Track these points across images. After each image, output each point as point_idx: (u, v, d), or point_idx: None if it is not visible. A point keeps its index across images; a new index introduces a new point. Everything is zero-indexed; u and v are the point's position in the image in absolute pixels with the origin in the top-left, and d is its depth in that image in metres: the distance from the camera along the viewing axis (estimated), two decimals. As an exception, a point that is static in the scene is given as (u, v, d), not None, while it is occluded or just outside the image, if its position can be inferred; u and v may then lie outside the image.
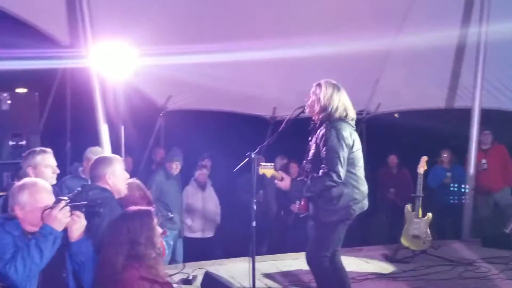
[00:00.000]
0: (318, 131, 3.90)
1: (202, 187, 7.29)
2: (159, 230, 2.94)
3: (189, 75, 7.77)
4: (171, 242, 6.27)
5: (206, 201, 7.30)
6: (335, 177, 3.69)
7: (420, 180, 6.03)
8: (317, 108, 3.93)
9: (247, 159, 4.14)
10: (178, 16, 6.93)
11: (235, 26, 7.22)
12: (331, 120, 3.84)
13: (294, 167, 7.24)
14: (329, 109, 3.86)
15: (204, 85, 8.05)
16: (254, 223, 4.13)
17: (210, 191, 7.39)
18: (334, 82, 4.00)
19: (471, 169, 7.29)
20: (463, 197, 7.49)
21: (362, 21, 7.52)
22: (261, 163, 4.18)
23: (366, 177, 4.08)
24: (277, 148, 8.44)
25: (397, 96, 9.40)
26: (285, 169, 7.18)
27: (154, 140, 9.22)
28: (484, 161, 7.46)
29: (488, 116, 7.94)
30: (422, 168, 6.04)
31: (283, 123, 4.29)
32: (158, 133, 9.30)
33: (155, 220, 2.89)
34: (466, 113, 7.81)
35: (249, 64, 7.68)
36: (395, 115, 11.17)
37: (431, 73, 8.70)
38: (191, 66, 7.42)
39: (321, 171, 3.75)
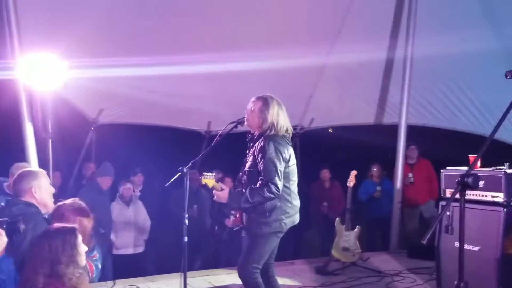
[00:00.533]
0: (257, 143, 3.95)
1: (127, 202, 7.11)
2: (83, 248, 2.85)
3: (122, 88, 7.66)
4: (99, 264, 6.11)
5: (134, 216, 7.14)
6: (273, 189, 3.74)
7: (349, 194, 6.20)
8: (259, 122, 3.96)
9: (179, 174, 4.12)
10: (112, 29, 6.81)
11: (170, 39, 7.19)
12: (270, 134, 3.90)
13: (228, 182, 7.24)
14: (272, 124, 3.91)
15: (138, 98, 7.96)
16: (186, 238, 4.11)
17: (138, 206, 7.22)
18: (270, 96, 4.05)
19: (398, 183, 7.56)
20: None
21: (297, 38, 7.65)
22: (204, 172, 4.15)
23: (300, 191, 4.15)
24: (212, 163, 8.44)
25: (330, 111, 9.66)
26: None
27: (84, 155, 8.98)
28: (410, 175, 7.76)
29: (414, 132, 8.28)
30: (351, 182, 6.21)
31: (216, 138, 4.31)
32: (88, 147, 9.06)
33: (79, 239, 2.81)
34: (394, 129, 8.11)
35: (184, 78, 7.65)
36: (330, 130, 11.46)
37: (361, 89, 9.01)
38: (125, 79, 7.31)
39: (259, 182, 3.79)
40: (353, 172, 6.25)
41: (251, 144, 4.07)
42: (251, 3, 6.99)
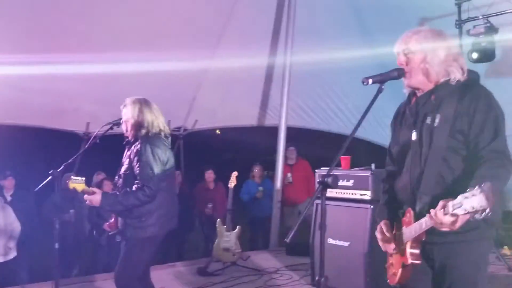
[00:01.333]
0: (133, 146, 3.88)
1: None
2: None
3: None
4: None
5: (3, 222, 6.67)
6: (148, 192, 3.67)
7: (230, 195, 6.30)
8: (130, 125, 3.90)
9: (50, 177, 3.95)
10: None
11: (46, 38, 6.82)
12: (146, 137, 3.84)
13: (108, 185, 7.05)
14: (143, 126, 3.86)
15: (10, 98, 7.46)
16: (56, 245, 3.94)
17: (6, 211, 6.77)
18: (143, 99, 4.00)
19: (278, 183, 7.82)
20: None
21: (180, 40, 7.63)
22: (72, 177, 3.98)
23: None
24: (95, 165, 8.16)
25: (213, 113, 9.72)
26: (99, 186, 6.93)
27: None
28: (289, 175, 8.07)
29: (293, 134, 8.62)
30: (232, 183, 6.31)
31: (91, 139, 4.20)
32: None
33: None
34: (275, 131, 8.37)
35: (61, 78, 7.31)
36: (217, 131, 11.54)
37: (244, 92, 9.18)
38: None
39: (134, 186, 3.71)
40: (234, 173, 6.36)
41: (128, 147, 4.00)
42: (131, 4, 6.85)
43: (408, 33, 2.48)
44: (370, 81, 2.41)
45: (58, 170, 3.99)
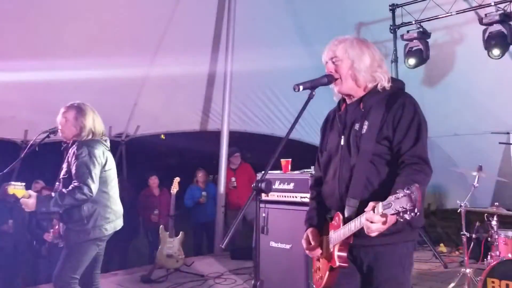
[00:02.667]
0: (70, 149, 3.82)
1: None
2: None
3: None
4: None
5: None
6: (85, 190, 3.61)
7: (173, 201, 6.28)
8: (76, 130, 3.85)
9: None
10: None
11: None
12: (83, 139, 3.80)
13: (47, 193, 6.86)
14: (90, 131, 3.83)
15: None
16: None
17: None
18: (80, 103, 3.96)
19: (222, 187, 7.85)
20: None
21: (120, 46, 7.55)
22: (11, 182, 3.86)
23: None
24: (34, 173, 7.93)
25: (156, 119, 9.65)
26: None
27: None
28: (233, 179, 8.10)
29: (235, 137, 8.68)
30: (175, 188, 6.29)
31: (27, 148, 4.11)
32: None
33: None
34: (218, 135, 8.40)
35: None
36: (162, 136, 11.42)
37: (186, 98, 9.17)
38: None
39: (71, 185, 3.65)
40: (176, 179, 6.34)
41: (66, 152, 3.94)
42: (69, 10, 6.73)
43: (335, 41, 2.59)
44: (301, 87, 2.50)
45: (-5, 180, 3.88)
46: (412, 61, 7.00)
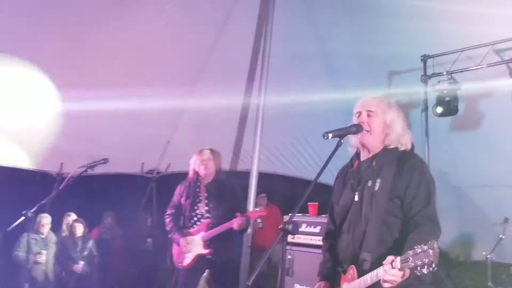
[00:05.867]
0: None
1: None
2: None
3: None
4: None
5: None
6: None
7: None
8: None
9: (22, 218, 4.03)
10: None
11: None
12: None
13: (77, 226, 7.04)
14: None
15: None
16: (27, 285, 4.02)
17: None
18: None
19: (249, 228, 7.90)
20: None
21: (157, 80, 7.82)
22: None
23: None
24: (66, 206, 8.14)
25: (187, 157, 9.81)
26: (70, 227, 6.93)
27: None
28: (259, 220, 8.16)
29: (264, 179, 8.77)
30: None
31: (65, 181, 4.31)
32: None
33: None
34: (247, 175, 8.50)
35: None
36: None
37: (218, 136, 9.36)
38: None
39: None
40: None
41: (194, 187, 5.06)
42: (108, 41, 7.00)
43: (372, 95, 2.75)
44: (330, 135, 2.64)
45: (31, 211, 4.07)
46: (440, 109, 7.06)
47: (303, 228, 5.26)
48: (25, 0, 5.88)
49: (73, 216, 8.19)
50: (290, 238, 5.40)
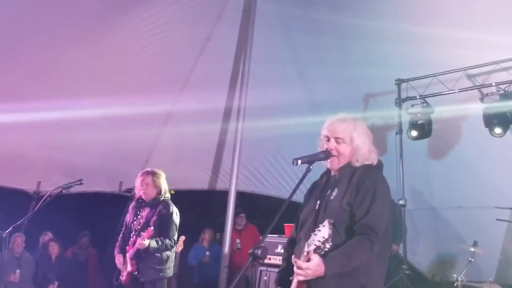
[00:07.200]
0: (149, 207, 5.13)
1: None
2: None
3: None
4: None
5: None
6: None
7: (177, 259, 6.34)
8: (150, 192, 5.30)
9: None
10: None
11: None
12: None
13: (53, 246, 7.01)
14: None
15: None
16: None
17: None
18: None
19: (226, 248, 7.90)
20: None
21: (136, 100, 7.82)
22: None
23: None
24: (43, 225, 8.06)
25: (166, 176, 9.81)
26: (45, 246, 6.88)
27: None
28: (238, 241, 8.17)
29: (243, 198, 8.81)
30: (179, 247, 6.37)
31: (41, 201, 4.32)
32: None
33: None
34: (226, 194, 8.52)
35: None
36: (171, 191, 11.50)
37: (196, 157, 9.40)
38: None
39: None
40: (182, 238, 6.43)
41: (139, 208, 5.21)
42: (86, 52, 6.96)
43: (338, 119, 2.83)
44: (299, 162, 2.71)
45: (6, 232, 4.06)
46: (414, 133, 7.21)
47: (278, 249, 5.30)
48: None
49: (49, 235, 8.13)
50: (266, 260, 5.43)
